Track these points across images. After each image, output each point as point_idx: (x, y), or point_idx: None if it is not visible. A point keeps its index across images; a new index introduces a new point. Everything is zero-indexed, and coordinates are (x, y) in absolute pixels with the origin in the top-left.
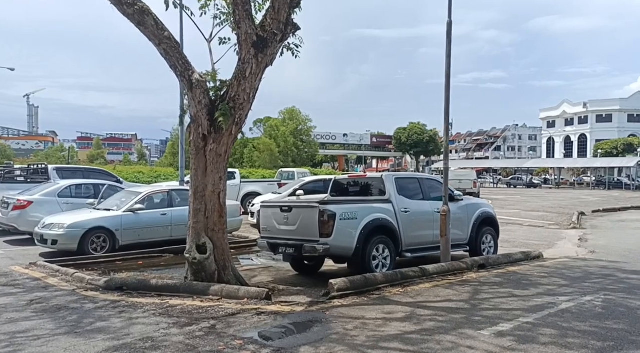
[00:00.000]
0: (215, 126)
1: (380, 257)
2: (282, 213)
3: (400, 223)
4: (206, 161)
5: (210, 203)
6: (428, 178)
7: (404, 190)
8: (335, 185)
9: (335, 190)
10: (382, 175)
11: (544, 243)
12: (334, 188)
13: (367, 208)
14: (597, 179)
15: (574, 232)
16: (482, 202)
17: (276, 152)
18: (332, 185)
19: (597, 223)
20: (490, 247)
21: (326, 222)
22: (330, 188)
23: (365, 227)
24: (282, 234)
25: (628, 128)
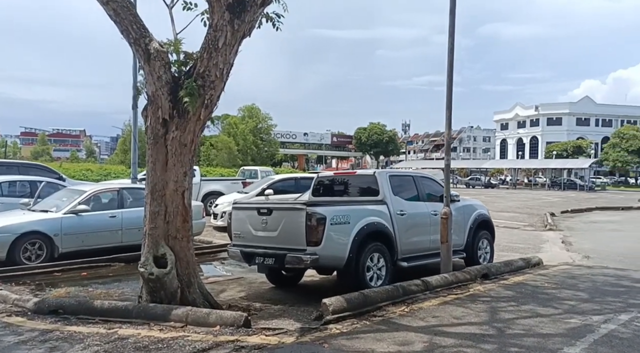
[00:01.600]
0: (179, 109)
1: (375, 268)
2: (259, 217)
3: (396, 228)
4: (167, 152)
5: (172, 204)
6: (422, 176)
7: (399, 189)
8: (319, 184)
9: (318, 189)
10: (374, 172)
11: (529, 246)
12: (316, 187)
13: (360, 210)
14: (551, 180)
15: (553, 234)
16: (477, 203)
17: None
18: (315, 184)
19: (571, 224)
20: (487, 252)
21: (314, 227)
22: (313, 187)
23: (359, 233)
24: (260, 241)
25: (577, 131)
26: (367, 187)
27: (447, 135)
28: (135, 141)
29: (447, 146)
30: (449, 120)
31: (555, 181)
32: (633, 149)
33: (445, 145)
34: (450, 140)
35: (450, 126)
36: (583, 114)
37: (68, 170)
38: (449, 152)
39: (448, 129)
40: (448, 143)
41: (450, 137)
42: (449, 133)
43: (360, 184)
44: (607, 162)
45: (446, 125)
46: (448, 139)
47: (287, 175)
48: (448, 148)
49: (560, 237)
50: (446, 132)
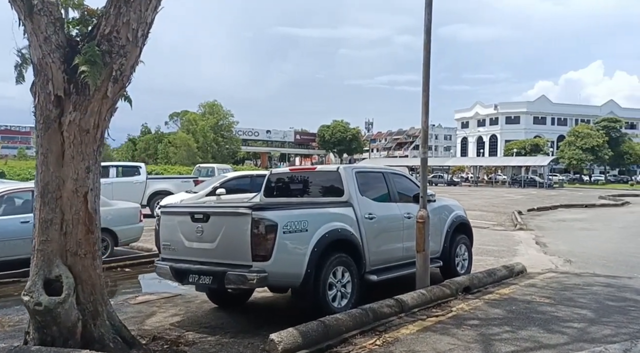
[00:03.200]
0: (77, 83)
1: (339, 284)
2: (193, 224)
3: (364, 235)
4: (63, 141)
5: (71, 209)
6: (394, 172)
7: (367, 188)
8: (271, 182)
9: (271, 188)
10: (338, 168)
11: (503, 249)
12: (268, 187)
13: (320, 214)
14: (512, 178)
15: (525, 234)
16: (454, 203)
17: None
18: (266, 182)
19: (539, 223)
20: (465, 259)
21: (263, 237)
22: (264, 186)
23: (320, 243)
24: (194, 255)
25: (534, 129)
26: (330, 186)
27: (424, 123)
28: None
29: (423, 136)
30: (426, 107)
31: (515, 179)
32: (587, 147)
33: (422, 135)
34: (427, 129)
35: (427, 113)
36: (540, 112)
37: (13, 168)
38: (426, 144)
39: (425, 116)
40: (425, 133)
41: (427, 126)
42: (426, 121)
43: (321, 183)
44: (562, 160)
45: (423, 111)
46: (425, 127)
47: (242, 173)
48: (425, 139)
49: (532, 237)
50: (423, 119)
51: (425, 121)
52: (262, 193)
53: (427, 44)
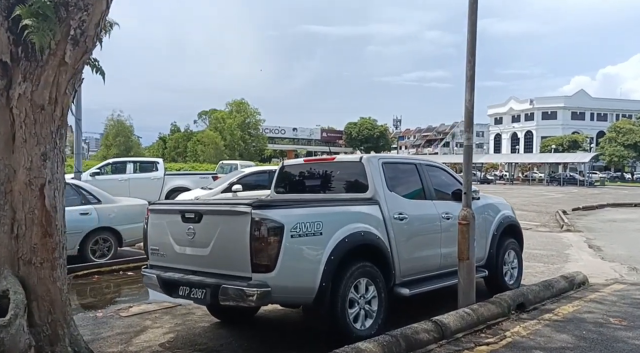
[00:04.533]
0: (27, 45)
1: (362, 301)
2: (184, 225)
3: (393, 239)
4: (13, 120)
5: (24, 207)
6: (429, 164)
7: (397, 182)
8: (283, 176)
9: (283, 183)
10: (361, 158)
11: (552, 253)
12: (280, 181)
13: (339, 214)
14: (550, 175)
15: (574, 236)
16: (500, 201)
17: (222, 146)
18: (278, 176)
19: (588, 223)
20: (514, 267)
21: (265, 242)
22: (275, 181)
23: (338, 249)
24: (185, 262)
25: (572, 125)
26: (352, 180)
27: (469, 103)
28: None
29: (467, 119)
30: (471, 82)
31: (553, 176)
32: (629, 144)
33: (466, 117)
34: (471, 110)
35: (473, 90)
36: (578, 108)
37: None
38: (470, 129)
39: (470, 94)
40: (470, 115)
41: (472, 105)
42: (471, 100)
43: (341, 176)
44: (603, 157)
45: (467, 88)
46: (470, 107)
47: (260, 168)
48: (470, 122)
49: (583, 239)
50: (467, 98)
51: (469, 100)
52: (272, 189)
53: (472, 4)
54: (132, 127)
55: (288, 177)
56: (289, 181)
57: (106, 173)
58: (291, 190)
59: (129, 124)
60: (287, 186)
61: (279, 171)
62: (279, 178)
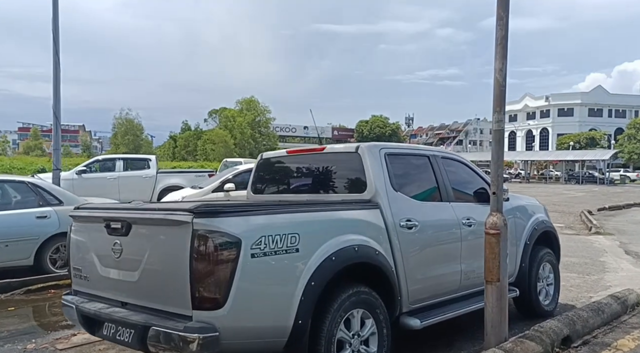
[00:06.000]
0: None
1: (356, 341)
2: (109, 238)
3: (400, 254)
4: None
5: None
6: (446, 156)
7: (405, 180)
8: (262, 172)
9: (262, 180)
10: (358, 147)
11: (586, 261)
12: (258, 178)
13: (323, 223)
14: (568, 173)
15: (605, 240)
16: (531, 202)
17: (231, 144)
18: (256, 171)
19: (618, 225)
20: (550, 284)
21: (212, 265)
22: (252, 178)
23: (321, 272)
24: (111, 289)
25: (589, 122)
26: (346, 176)
27: (499, 74)
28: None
29: (498, 95)
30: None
31: (572, 174)
32: None
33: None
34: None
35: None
36: (595, 104)
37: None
38: (501, 107)
39: (501, 62)
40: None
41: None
42: (503, 68)
43: (333, 171)
44: (622, 155)
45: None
46: (501, 80)
47: None
48: (501, 99)
49: (617, 243)
50: (497, 66)
51: (500, 69)
52: (249, 188)
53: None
54: (140, 125)
55: (268, 172)
56: (269, 178)
57: (94, 171)
58: (271, 189)
59: (138, 122)
60: (266, 184)
61: (257, 165)
62: (257, 174)
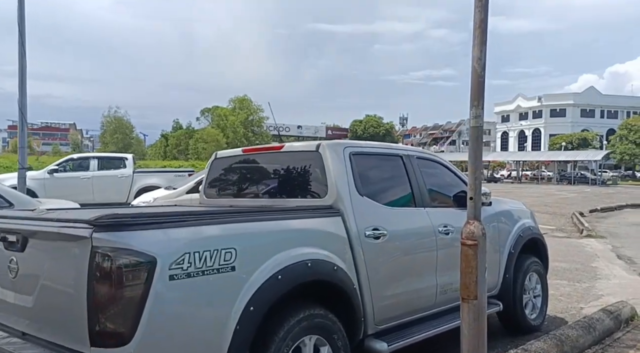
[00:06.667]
0: None
1: None
2: (6, 253)
3: (364, 268)
4: None
5: None
6: (421, 156)
7: (373, 182)
8: (215, 173)
9: (215, 183)
10: (319, 146)
11: (577, 266)
12: (212, 179)
13: (268, 235)
14: (560, 174)
15: (597, 244)
16: (517, 207)
17: (224, 143)
18: (209, 173)
19: (610, 228)
20: (537, 296)
21: (116, 290)
22: (205, 180)
23: (262, 294)
24: (8, 316)
25: (581, 123)
26: (305, 179)
27: (477, 63)
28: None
29: (475, 86)
30: (481, 30)
31: (564, 175)
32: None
33: (473, 83)
34: (480, 73)
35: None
36: (588, 105)
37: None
38: (479, 102)
39: (479, 49)
40: (478, 78)
41: (482, 67)
42: (481, 58)
43: (292, 172)
44: (614, 155)
45: (475, 40)
46: (479, 69)
47: None
48: (478, 92)
49: (609, 247)
50: (475, 54)
51: (479, 58)
52: (201, 192)
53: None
54: (129, 123)
55: (223, 173)
56: (224, 180)
57: (68, 170)
58: (226, 193)
59: (127, 120)
60: (220, 187)
61: (211, 165)
62: (211, 175)
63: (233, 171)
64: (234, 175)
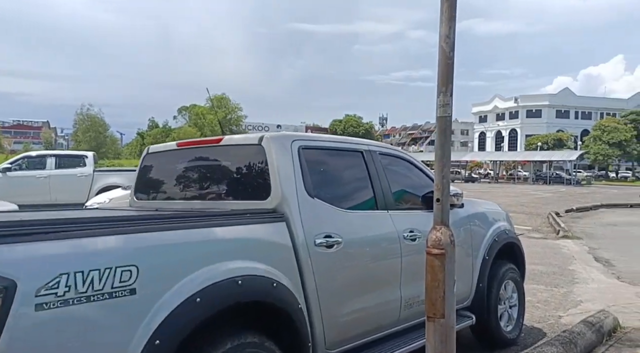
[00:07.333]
0: None
1: None
2: None
3: (313, 283)
4: None
5: None
6: (385, 152)
7: (326, 181)
8: (147, 171)
9: (147, 183)
10: (262, 139)
11: (554, 269)
12: (143, 179)
13: (183, 247)
14: (536, 174)
15: (574, 245)
16: (492, 208)
17: None
18: (140, 171)
19: (586, 228)
20: (513, 306)
21: None
22: (136, 180)
23: (170, 326)
24: None
25: (556, 123)
26: (246, 177)
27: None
28: None
29: (442, 69)
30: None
31: (540, 175)
32: (614, 142)
33: (440, 66)
34: (449, 55)
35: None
36: (563, 106)
37: None
38: (447, 84)
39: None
40: (446, 60)
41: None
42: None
43: (232, 169)
44: (588, 156)
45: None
46: (447, 49)
47: None
48: (446, 73)
49: (586, 249)
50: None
51: (447, 36)
52: (131, 192)
53: None
54: (103, 121)
55: (155, 172)
56: (156, 179)
57: (23, 168)
58: (158, 194)
59: (100, 117)
60: (152, 187)
61: (142, 161)
62: (142, 174)
63: (167, 169)
64: (167, 174)
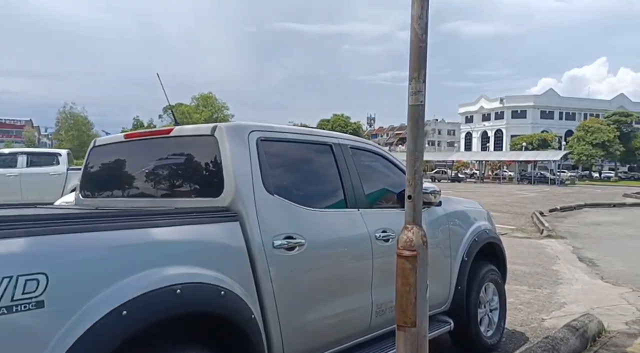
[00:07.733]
0: None
1: None
2: None
3: (270, 291)
4: None
5: None
6: (357, 146)
7: (288, 177)
8: (93, 166)
9: (92, 179)
10: (215, 129)
11: (537, 270)
12: (89, 175)
13: (108, 251)
14: (521, 174)
15: (558, 245)
16: (472, 207)
17: None
18: (86, 166)
19: (570, 228)
20: (494, 309)
21: None
22: (82, 176)
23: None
24: None
25: (541, 124)
26: (198, 172)
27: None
28: None
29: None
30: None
31: (524, 175)
32: (597, 142)
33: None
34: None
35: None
36: (547, 107)
37: None
38: (420, 69)
39: (419, 7)
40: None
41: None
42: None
43: (183, 163)
44: (572, 156)
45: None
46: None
47: None
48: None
49: (570, 249)
50: (414, 13)
51: (420, 16)
52: (77, 190)
53: None
54: (87, 120)
55: (101, 166)
56: (103, 174)
57: None
58: (105, 191)
59: (84, 116)
60: (98, 184)
61: (88, 155)
62: (88, 168)
63: (114, 163)
64: (114, 169)
